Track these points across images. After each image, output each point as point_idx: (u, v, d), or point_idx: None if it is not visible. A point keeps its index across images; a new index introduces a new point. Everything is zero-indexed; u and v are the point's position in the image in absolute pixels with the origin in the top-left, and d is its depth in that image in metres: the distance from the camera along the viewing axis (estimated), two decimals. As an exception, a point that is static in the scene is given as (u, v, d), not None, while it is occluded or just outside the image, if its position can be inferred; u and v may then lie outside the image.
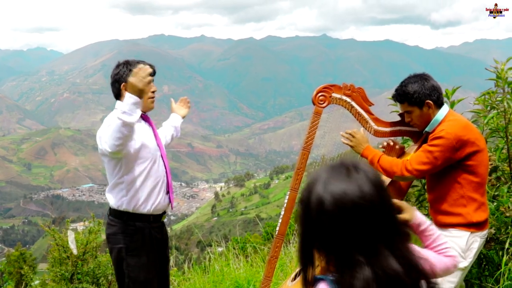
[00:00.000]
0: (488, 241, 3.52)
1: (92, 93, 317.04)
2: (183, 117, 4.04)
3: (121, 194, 3.23)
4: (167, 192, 3.40)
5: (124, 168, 3.18)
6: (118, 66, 3.27)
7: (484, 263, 3.77)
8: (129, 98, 2.82)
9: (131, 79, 2.81)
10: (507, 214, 3.53)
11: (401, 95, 3.02)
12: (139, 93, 2.82)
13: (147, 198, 3.25)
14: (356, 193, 1.37)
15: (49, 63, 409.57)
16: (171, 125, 3.93)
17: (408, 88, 2.96)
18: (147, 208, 3.26)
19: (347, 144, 3.21)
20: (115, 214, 3.27)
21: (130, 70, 3.19)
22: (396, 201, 1.63)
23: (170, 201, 3.43)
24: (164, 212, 3.44)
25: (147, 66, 2.87)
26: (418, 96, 2.94)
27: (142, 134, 3.24)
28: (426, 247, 1.78)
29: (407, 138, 3.67)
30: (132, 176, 3.20)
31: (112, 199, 3.27)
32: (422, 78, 2.98)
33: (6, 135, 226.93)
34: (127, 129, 2.86)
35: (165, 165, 3.38)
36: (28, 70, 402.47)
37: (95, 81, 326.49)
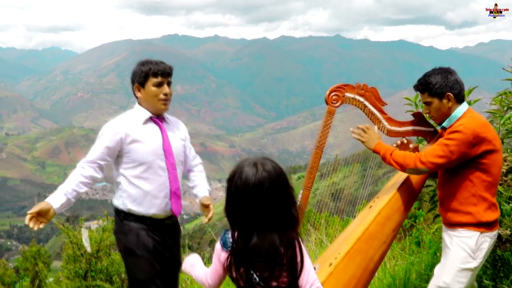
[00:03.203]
0: (503, 242, 3.48)
1: (105, 92, 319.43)
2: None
3: (118, 193, 3.23)
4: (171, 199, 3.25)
5: (120, 168, 3.19)
6: (137, 65, 3.24)
7: (499, 265, 3.74)
8: None
9: None
10: (523, 215, 3.49)
11: (423, 84, 3.03)
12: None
13: (142, 201, 3.16)
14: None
15: (63, 63, 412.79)
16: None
17: (431, 78, 2.98)
18: (141, 211, 3.17)
19: (357, 139, 3.19)
20: (115, 213, 3.29)
21: (142, 71, 3.17)
22: None
23: (171, 209, 3.25)
24: (171, 216, 3.30)
25: None
26: (440, 87, 2.95)
27: (143, 138, 3.16)
28: None
29: (421, 138, 3.65)
30: (125, 178, 3.17)
31: (114, 198, 3.31)
32: (446, 71, 3.00)
33: (21, 134, 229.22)
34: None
35: (169, 171, 3.22)
36: (43, 70, 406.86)
37: (109, 80, 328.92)
